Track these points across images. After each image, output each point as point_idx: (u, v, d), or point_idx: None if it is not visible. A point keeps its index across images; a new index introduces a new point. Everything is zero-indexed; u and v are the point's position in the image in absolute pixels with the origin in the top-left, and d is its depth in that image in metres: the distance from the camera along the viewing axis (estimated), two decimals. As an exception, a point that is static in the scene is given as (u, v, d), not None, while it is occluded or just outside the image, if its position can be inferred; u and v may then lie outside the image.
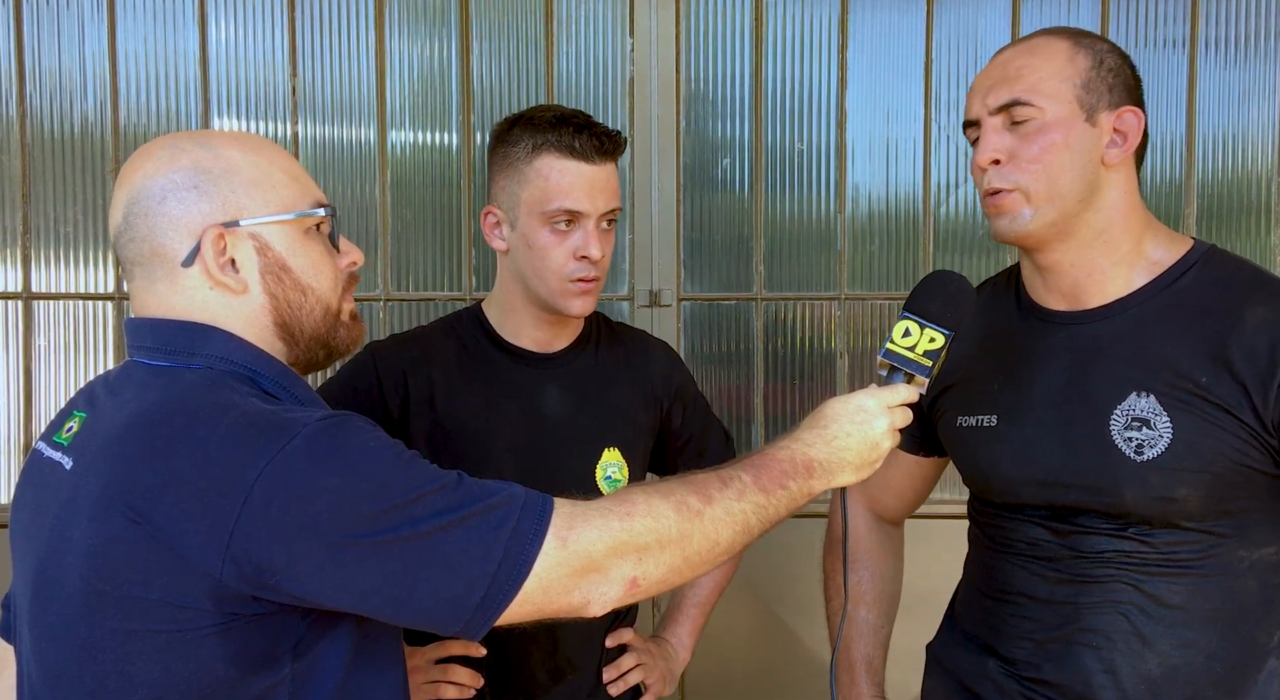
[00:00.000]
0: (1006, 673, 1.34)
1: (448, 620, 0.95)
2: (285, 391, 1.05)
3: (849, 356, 2.57)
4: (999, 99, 1.27)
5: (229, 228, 1.03)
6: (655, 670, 1.66)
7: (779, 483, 1.09)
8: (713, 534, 1.04)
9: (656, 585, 1.02)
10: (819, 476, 1.12)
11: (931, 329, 1.18)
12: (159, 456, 0.93)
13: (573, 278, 1.49)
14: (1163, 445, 1.22)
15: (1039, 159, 1.25)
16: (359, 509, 0.92)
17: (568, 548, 0.97)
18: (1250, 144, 2.54)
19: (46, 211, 2.46)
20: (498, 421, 1.55)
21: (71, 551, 0.95)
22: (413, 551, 0.92)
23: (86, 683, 0.96)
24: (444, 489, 0.96)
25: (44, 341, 2.48)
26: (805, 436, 1.13)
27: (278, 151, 1.10)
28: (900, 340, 1.18)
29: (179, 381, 1.00)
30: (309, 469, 0.92)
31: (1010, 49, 1.32)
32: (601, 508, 1.00)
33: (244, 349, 1.04)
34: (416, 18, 2.50)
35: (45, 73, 2.45)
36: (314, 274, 1.08)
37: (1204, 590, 1.24)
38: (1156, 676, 1.25)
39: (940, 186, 2.55)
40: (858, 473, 1.15)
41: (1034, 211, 1.26)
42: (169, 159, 1.04)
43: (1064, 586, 1.29)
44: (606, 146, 1.49)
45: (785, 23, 2.53)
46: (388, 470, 0.95)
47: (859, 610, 1.56)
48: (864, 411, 1.15)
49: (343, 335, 1.13)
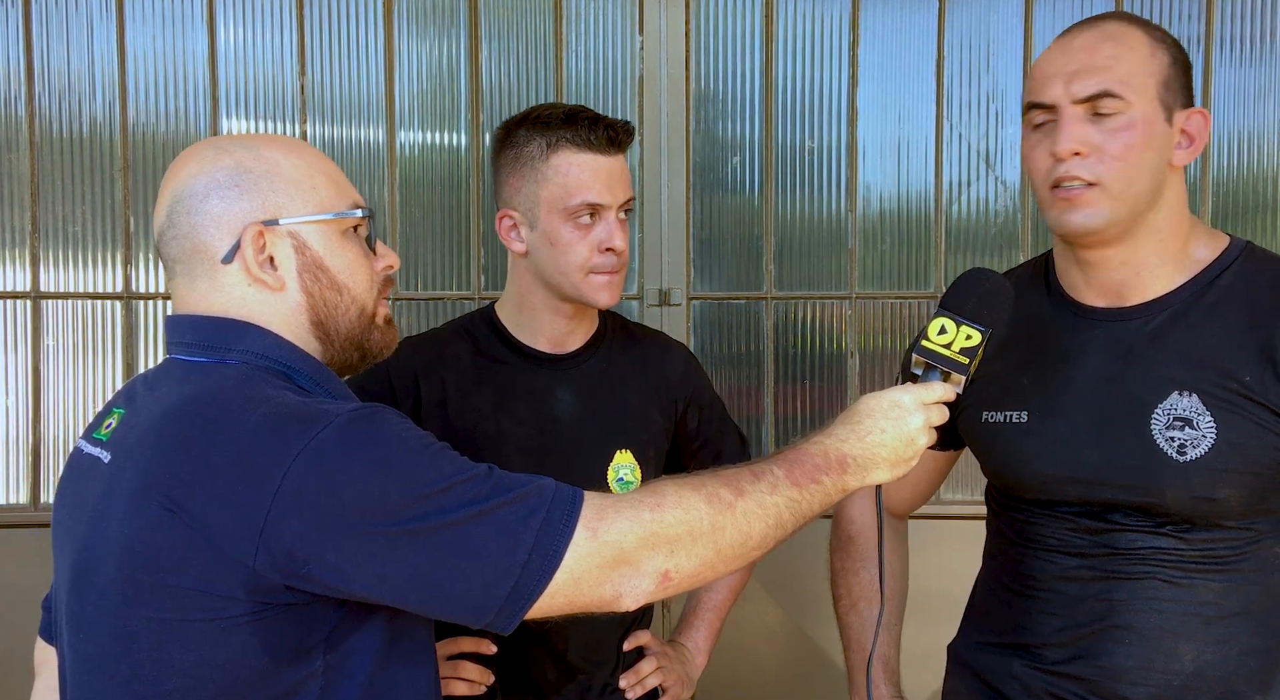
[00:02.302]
0: (1033, 669, 1.33)
1: (478, 611, 0.95)
2: (319, 387, 1.07)
3: (859, 356, 2.56)
4: (1087, 88, 1.22)
5: (268, 226, 1.05)
6: (673, 672, 1.65)
7: (812, 477, 1.07)
8: (745, 527, 1.03)
9: (689, 579, 1.01)
10: (853, 472, 1.10)
11: (968, 325, 1.16)
12: (194, 447, 0.95)
13: (598, 270, 1.50)
14: (1206, 445, 1.20)
15: (1123, 156, 1.22)
16: (388, 498, 0.92)
17: (598, 539, 0.96)
18: (1266, 142, 2.53)
19: (55, 211, 2.46)
20: (509, 423, 1.55)
21: (108, 542, 0.97)
22: (442, 541, 0.93)
23: (122, 671, 0.97)
24: (474, 479, 0.96)
25: (52, 341, 2.48)
26: (840, 432, 1.12)
27: (318, 155, 1.13)
28: (936, 337, 1.16)
29: (215, 376, 1.02)
30: (340, 459, 0.93)
31: (1089, 32, 1.26)
32: (632, 500, 1.00)
33: (280, 345, 1.06)
34: (425, 17, 2.50)
35: (54, 73, 2.45)
36: (350, 274, 1.10)
37: (1240, 586, 1.23)
38: (1189, 672, 1.24)
39: (952, 185, 2.53)
40: (893, 470, 1.13)
41: (1111, 209, 1.23)
42: (213, 158, 1.07)
43: (1097, 583, 1.28)
44: (618, 137, 1.50)
45: (796, 21, 2.51)
46: (418, 460, 0.95)
47: (871, 610, 1.55)
48: (899, 407, 1.13)
49: (376, 338, 1.15)
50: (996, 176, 2.52)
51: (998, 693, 1.37)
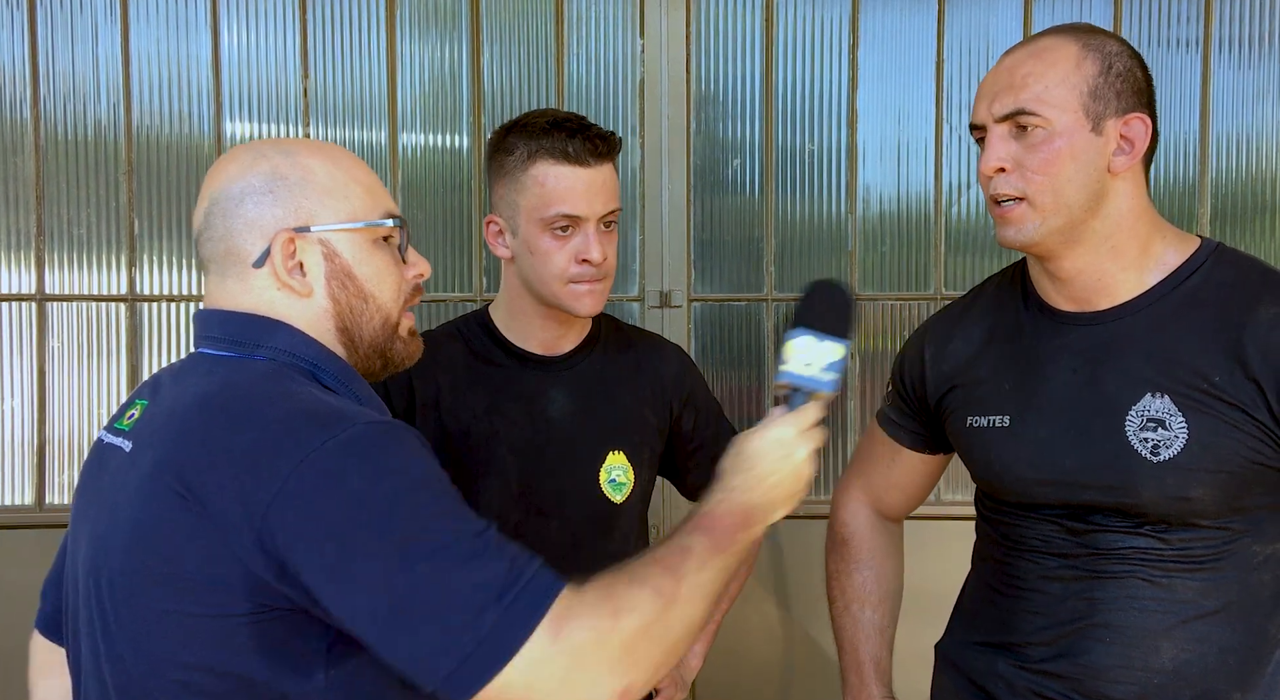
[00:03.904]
0: (1018, 668, 1.34)
1: (427, 670, 0.90)
2: (345, 388, 1.08)
3: (859, 357, 2.57)
4: (1004, 107, 1.26)
5: (300, 233, 1.07)
6: (667, 675, 1.66)
7: (731, 540, 1.04)
8: (688, 617, 0.99)
9: (643, 687, 0.97)
10: (757, 522, 1.08)
11: (829, 341, 1.13)
12: (213, 435, 0.95)
13: (576, 280, 1.49)
14: (1178, 446, 1.22)
15: (1044, 170, 1.24)
16: (375, 522, 0.91)
17: (558, 642, 0.91)
18: (1264, 144, 2.53)
19: (60, 214, 2.48)
20: (502, 424, 1.55)
21: (120, 528, 0.98)
22: (413, 582, 0.89)
23: (128, 665, 0.97)
24: (465, 532, 0.93)
25: (57, 343, 2.50)
26: (736, 482, 1.08)
27: (356, 163, 1.13)
28: (797, 360, 1.13)
29: (242, 370, 1.03)
30: (345, 467, 0.92)
31: (1018, 51, 1.30)
32: (593, 603, 0.94)
33: (308, 344, 1.07)
34: (427, 20, 2.51)
35: (59, 76, 2.46)
36: (377, 282, 1.11)
37: (1219, 585, 1.25)
38: (1169, 670, 1.25)
39: (951, 187, 2.54)
40: (787, 506, 1.11)
41: (1040, 222, 1.26)
42: (250, 163, 1.08)
43: (1078, 582, 1.29)
44: (601, 149, 1.48)
45: (796, 24, 2.52)
46: (418, 492, 0.94)
47: (865, 611, 1.56)
48: (784, 444, 1.10)
49: (399, 348, 1.15)
50: (996, 178, 2.53)
51: (983, 691, 1.38)
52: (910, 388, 1.51)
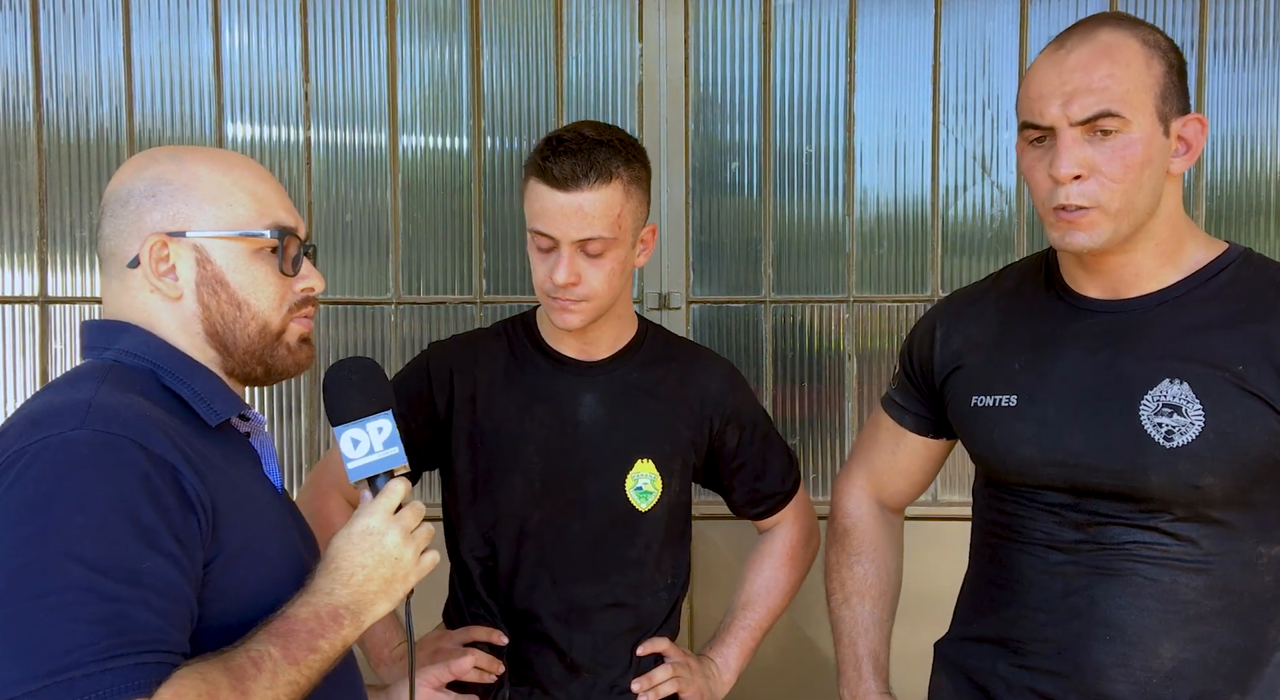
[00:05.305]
0: (1016, 666, 1.34)
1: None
2: (184, 385, 1.10)
3: (857, 359, 2.58)
4: (1087, 110, 1.20)
5: (174, 237, 1.10)
6: (692, 684, 1.62)
7: (310, 647, 1.02)
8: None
9: None
10: (349, 622, 1.06)
11: (371, 421, 1.14)
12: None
13: (553, 295, 1.50)
14: (1194, 432, 1.21)
15: (1123, 177, 1.21)
16: (20, 529, 0.92)
17: None
18: (1260, 146, 2.54)
19: (62, 216, 2.49)
20: (532, 425, 1.58)
21: None
22: (15, 599, 0.89)
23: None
24: (80, 587, 0.89)
25: (60, 345, 2.51)
26: (323, 584, 1.07)
27: (251, 172, 1.15)
28: (356, 452, 1.14)
29: (79, 370, 1.10)
30: (28, 467, 0.94)
31: (1084, 47, 1.22)
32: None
33: (150, 344, 1.11)
34: (427, 23, 2.52)
35: (61, 78, 2.48)
36: (253, 291, 1.13)
37: (1222, 585, 1.24)
38: (1169, 670, 1.25)
39: (948, 189, 2.55)
40: (390, 598, 1.10)
41: (1113, 229, 1.23)
42: (140, 168, 1.13)
43: (1081, 579, 1.28)
44: (584, 175, 1.45)
45: (793, 27, 2.53)
46: (77, 522, 0.92)
47: (864, 605, 1.56)
48: (370, 534, 1.10)
49: (282, 355, 1.16)
50: (993, 180, 2.54)
51: (981, 689, 1.39)
52: (917, 365, 1.50)
